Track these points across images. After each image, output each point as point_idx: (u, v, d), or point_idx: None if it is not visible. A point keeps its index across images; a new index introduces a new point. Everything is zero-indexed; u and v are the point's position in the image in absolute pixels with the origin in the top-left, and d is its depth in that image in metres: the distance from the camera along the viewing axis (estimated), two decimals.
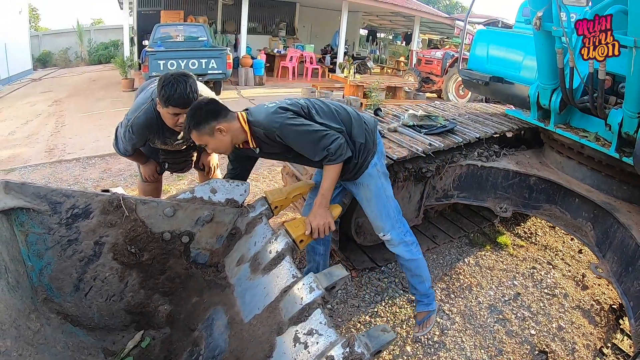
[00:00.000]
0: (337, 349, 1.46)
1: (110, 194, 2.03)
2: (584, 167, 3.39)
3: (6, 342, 1.57)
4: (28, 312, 1.78)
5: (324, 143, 2.15)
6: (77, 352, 1.90)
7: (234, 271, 2.05)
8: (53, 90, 11.79)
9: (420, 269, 2.66)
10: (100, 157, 6.00)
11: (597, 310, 3.38)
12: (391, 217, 2.53)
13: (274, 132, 2.15)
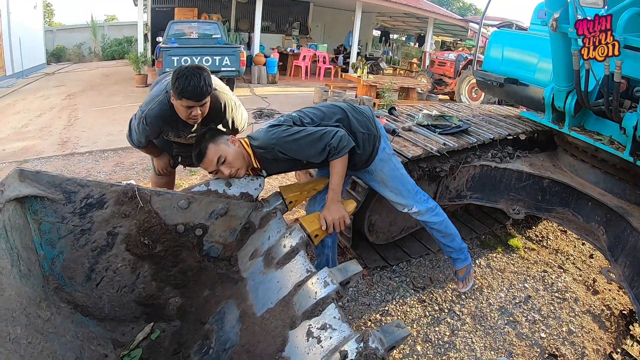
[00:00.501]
0: (351, 344, 1.45)
1: (125, 184, 2.03)
2: (598, 170, 3.36)
3: (16, 330, 1.58)
4: (39, 300, 1.80)
5: (323, 141, 2.17)
6: (86, 342, 1.91)
7: (246, 265, 2.05)
8: (66, 85, 11.88)
9: (449, 228, 2.77)
10: (113, 150, 6.02)
11: (607, 316, 3.35)
12: (410, 191, 2.60)
13: (274, 148, 2.19)
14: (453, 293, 3.34)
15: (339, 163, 2.24)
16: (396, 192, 2.58)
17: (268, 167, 2.33)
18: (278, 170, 2.40)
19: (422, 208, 2.64)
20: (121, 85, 11.32)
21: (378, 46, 24.45)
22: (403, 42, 26.74)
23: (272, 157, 2.23)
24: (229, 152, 2.18)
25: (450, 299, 3.27)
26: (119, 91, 10.52)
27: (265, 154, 2.23)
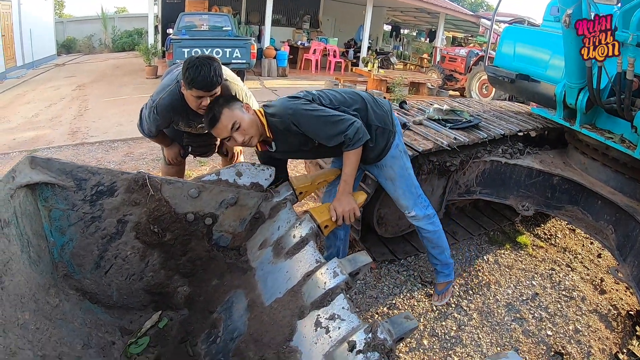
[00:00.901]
0: (359, 335, 1.46)
1: (136, 172, 2.04)
2: (608, 168, 3.33)
3: (25, 315, 1.59)
4: (48, 286, 1.81)
5: (340, 128, 2.14)
6: (94, 329, 1.92)
7: (255, 255, 2.05)
8: (77, 76, 11.94)
9: (441, 240, 2.77)
10: (123, 140, 6.05)
11: (614, 316, 3.33)
12: (414, 194, 2.60)
13: (289, 119, 2.14)
14: (460, 288, 3.34)
15: (353, 155, 2.22)
16: (400, 192, 2.58)
17: (278, 140, 2.27)
18: (287, 147, 2.33)
19: (420, 213, 2.64)
20: (131, 77, 11.36)
21: (389, 41, 24.35)
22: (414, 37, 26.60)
23: (284, 128, 2.18)
24: (243, 118, 2.14)
25: (458, 294, 3.27)
26: (129, 82, 10.56)
27: (278, 123, 2.18)
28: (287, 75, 13.29)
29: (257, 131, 2.17)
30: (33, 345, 1.56)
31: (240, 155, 3.34)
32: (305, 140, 2.25)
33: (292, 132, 2.18)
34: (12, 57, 12.76)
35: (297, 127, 2.16)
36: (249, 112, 2.19)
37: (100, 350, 1.86)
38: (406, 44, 23.98)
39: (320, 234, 1.93)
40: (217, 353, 1.87)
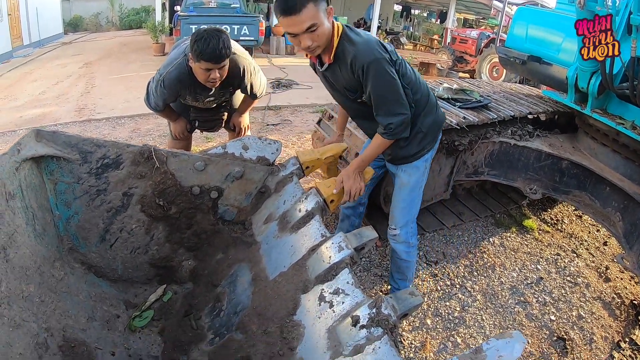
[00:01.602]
0: (363, 309, 1.44)
1: (142, 145, 2.02)
2: (618, 155, 3.29)
3: (29, 287, 1.60)
4: (53, 260, 1.82)
5: (392, 110, 2.04)
6: (99, 303, 1.93)
7: (261, 229, 2.03)
8: (84, 53, 11.89)
9: (408, 270, 2.67)
10: (130, 117, 6.05)
11: (617, 304, 3.32)
12: (410, 215, 2.51)
13: (363, 62, 1.94)
14: (465, 269, 3.33)
15: (382, 142, 2.15)
16: (402, 204, 2.48)
17: (334, 66, 2.07)
18: (334, 78, 2.15)
19: (402, 236, 2.53)
20: (139, 54, 11.32)
21: (399, 21, 24.00)
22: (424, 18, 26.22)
23: (349, 62, 1.97)
24: (323, 24, 1.90)
25: (462, 274, 3.27)
26: (137, 59, 10.52)
27: (348, 53, 1.96)
28: (296, 54, 13.13)
29: (325, 43, 1.97)
30: (37, 318, 1.57)
31: (247, 130, 3.32)
32: (355, 87, 2.10)
33: (352, 72, 2.01)
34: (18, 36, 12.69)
35: (362, 75, 1.97)
36: (329, 19, 1.94)
37: (104, 323, 1.87)
38: (416, 24, 23.64)
39: (326, 209, 1.91)
40: (221, 326, 1.88)
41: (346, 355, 1.41)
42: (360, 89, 2.09)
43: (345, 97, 2.22)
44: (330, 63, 2.07)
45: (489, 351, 1.22)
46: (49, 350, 1.53)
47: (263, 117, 6.58)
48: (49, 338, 1.57)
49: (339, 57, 2.02)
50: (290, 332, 1.58)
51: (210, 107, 2.98)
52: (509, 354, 1.21)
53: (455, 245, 3.66)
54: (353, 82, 2.06)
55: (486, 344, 1.24)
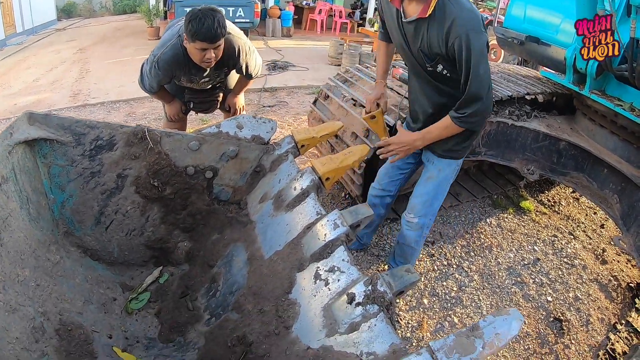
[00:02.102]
0: (359, 287, 1.44)
1: (135, 125, 2.00)
2: (616, 137, 3.27)
3: (25, 272, 1.59)
4: (48, 243, 1.81)
5: (479, 93, 1.87)
6: (95, 286, 1.93)
7: (256, 208, 2.02)
8: (78, 39, 11.75)
9: (412, 257, 2.68)
10: (125, 101, 6.02)
11: (614, 286, 3.34)
12: (432, 208, 2.48)
13: (466, 30, 1.77)
14: (462, 249, 3.34)
15: (452, 127, 2.05)
16: (425, 196, 2.43)
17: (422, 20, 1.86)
18: (411, 34, 1.96)
19: (419, 226, 2.51)
20: (133, 38, 11.18)
21: None
22: None
23: (447, 19, 1.79)
24: None
25: (459, 255, 3.27)
26: (131, 44, 10.40)
27: (450, 9, 1.79)
28: (292, 36, 13.04)
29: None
30: (33, 302, 1.56)
31: (242, 111, 3.29)
32: (434, 54, 1.92)
33: (445, 36, 1.81)
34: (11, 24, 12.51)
35: (460, 43, 1.78)
36: None
37: (101, 307, 1.86)
38: None
39: (322, 187, 1.89)
40: (217, 307, 1.87)
41: (342, 333, 1.40)
42: (439, 58, 1.93)
43: (416, 60, 2.08)
44: (422, 17, 1.86)
45: (486, 328, 1.21)
46: (46, 334, 1.53)
47: (259, 99, 6.55)
48: (46, 322, 1.56)
49: (436, 14, 1.82)
50: (285, 311, 1.58)
51: (205, 88, 2.95)
52: (506, 331, 1.20)
53: (452, 225, 3.66)
54: (437, 47, 1.88)
55: (483, 321, 1.23)
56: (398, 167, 2.59)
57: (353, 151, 2.02)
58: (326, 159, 1.95)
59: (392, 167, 2.61)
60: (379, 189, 2.72)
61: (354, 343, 1.36)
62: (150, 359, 1.76)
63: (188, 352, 1.81)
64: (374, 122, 2.47)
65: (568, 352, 2.71)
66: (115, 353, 1.71)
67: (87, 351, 1.62)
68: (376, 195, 2.77)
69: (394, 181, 2.66)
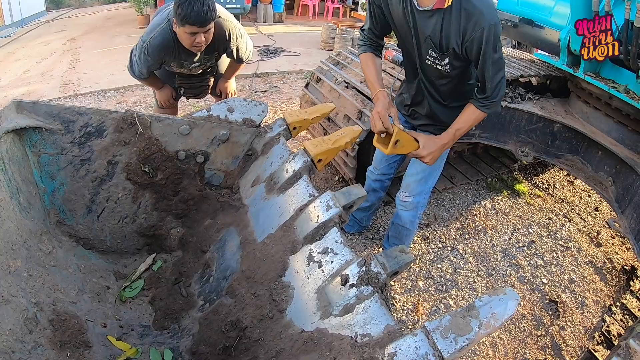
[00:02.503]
0: (353, 268, 1.43)
1: (125, 111, 1.97)
2: (611, 119, 3.26)
3: (16, 262, 1.57)
4: (40, 233, 1.79)
5: (500, 76, 1.86)
6: (88, 275, 1.91)
7: (248, 192, 2.00)
8: (67, 30, 11.61)
9: (407, 238, 2.67)
10: (116, 89, 5.97)
11: (609, 269, 3.35)
12: (427, 186, 2.46)
13: (490, 22, 1.72)
14: (457, 232, 3.33)
15: (478, 114, 1.98)
16: (421, 175, 2.40)
17: (438, 12, 1.79)
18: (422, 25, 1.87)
19: (414, 205, 2.49)
20: (123, 27, 11.05)
21: None
22: None
23: (470, 12, 1.73)
24: None
25: (454, 237, 3.27)
26: (122, 32, 10.29)
27: (467, 13, 1.74)
28: (284, 21, 12.93)
29: None
30: (26, 293, 1.54)
31: (234, 96, 3.26)
32: (445, 46, 1.86)
33: (464, 30, 1.77)
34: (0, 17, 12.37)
35: (481, 37, 1.74)
36: None
37: (94, 296, 1.85)
38: None
39: (314, 168, 1.87)
40: (211, 292, 1.87)
41: (336, 315, 1.39)
42: (450, 52, 1.88)
43: (422, 54, 2.01)
44: (439, 8, 1.78)
45: (482, 308, 1.20)
46: (39, 325, 1.52)
47: (251, 85, 6.51)
48: (39, 312, 1.55)
49: (453, 6, 1.76)
50: (279, 294, 1.57)
51: (195, 73, 2.92)
52: (503, 311, 1.19)
53: (447, 208, 3.66)
54: (454, 40, 1.83)
55: (479, 300, 1.22)
56: None
57: (345, 132, 2.00)
58: (318, 141, 1.92)
59: None
60: (378, 173, 2.71)
61: (348, 325, 1.35)
62: (145, 346, 1.75)
63: (182, 339, 1.80)
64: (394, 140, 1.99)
65: (563, 334, 2.72)
66: (110, 342, 1.70)
67: (81, 341, 1.61)
68: (376, 179, 2.76)
69: (392, 164, 2.65)
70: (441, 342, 1.16)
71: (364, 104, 2.96)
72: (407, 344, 1.18)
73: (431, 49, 1.93)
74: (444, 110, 2.20)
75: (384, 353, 1.20)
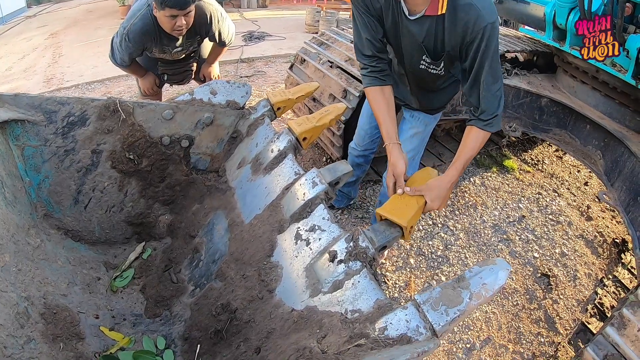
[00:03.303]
0: (340, 244, 1.43)
1: (107, 98, 1.95)
2: (598, 92, 3.26)
3: (4, 257, 1.55)
4: (27, 227, 1.77)
5: (497, 89, 1.71)
6: (78, 267, 1.90)
7: (234, 174, 1.99)
8: (49, 25, 11.43)
9: None
10: (100, 81, 5.92)
11: (600, 242, 3.38)
12: (414, 163, 2.47)
13: (487, 21, 1.59)
14: (447, 209, 3.34)
15: (484, 137, 1.81)
16: (412, 153, 2.38)
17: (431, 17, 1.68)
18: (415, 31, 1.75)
19: None
20: (105, 19, 10.90)
21: None
22: None
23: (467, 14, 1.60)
24: None
25: (444, 214, 3.28)
26: (104, 24, 10.14)
27: (464, 17, 1.61)
28: (268, 6, 12.87)
29: None
30: (16, 287, 1.53)
31: None
32: (439, 49, 1.77)
33: (463, 33, 1.64)
34: None
35: (479, 38, 1.61)
36: None
37: (85, 287, 1.84)
38: None
39: (299, 147, 1.86)
40: (200, 277, 1.86)
41: (325, 292, 1.39)
42: (445, 56, 1.80)
43: (414, 60, 1.91)
44: (431, 15, 1.68)
45: (472, 279, 1.20)
46: (31, 319, 1.50)
47: (236, 70, 6.47)
48: (30, 307, 1.53)
49: (449, 10, 1.65)
50: (268, 274, 1.57)
51: (178, 58, 2.90)
52: (493, 281, 1.19)
53: None
54: (450, 45, 1.73)
55: (469, 271, 1.22)
56: (376, 126, 2.51)
57: (329, 110, 1.99)
58: (302, 119, 1.90)
59: (371, 128, 2.56)
60: (362, 149, 2.68)
61: (338, 301, 1.35)
62: (138, 335, 1.75)
63: (175, 325, 1.80)
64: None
65: (556, 307, 2.74)
66: (103, 333, 1.69)
67: (74, 333, 1.60)
68: (359, 155, 2.73)
69: (375, 140, 2.63)
70: (432, 314, 1.16)
71: (348, 83, 2.94)
72: (397, 317, 1.19)
73: (425, 55, 1.84)
74: (433, 96, 2.21)
75: (375, 328, 1.20)
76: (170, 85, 3.24)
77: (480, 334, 2.49)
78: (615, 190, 2.96)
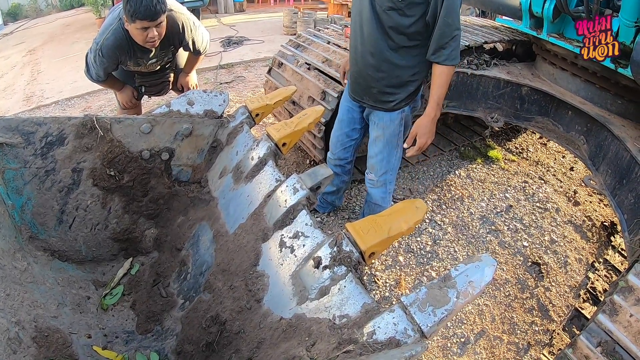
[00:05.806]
0: (324, 249, 1.42)
1: (84, 115, 1.93)
2: (578, 78, 3.28)
3: None
4: (13, 251, 1.75)
5: (455, 24, 1.96)
6: (67, 287, 1.89)
7: (217, 184, 1.98)
8: (26, 41, 11.30)
9: None
10: (80, 96, 5.87)
11: (588, 227, 3.39)
12: (390, 164, 2.47)
13: None
14: (433, 204, 3.35)
15: (448, 71, 2.05)
16: (379, 156, 2.43)
17: None
18: None
19: (381, 182, 2.51)
20: (83, 33, 10.80)
21: None
22: None
23: None
24: None
25: (431, 209, 3.28)
26: (81, 38, 10.05)
27: None
28: (245, 10, 12.81)
29: None
30: (5, 313, 1.51)
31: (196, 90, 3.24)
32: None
33: None
34: None
35: None
36: None
37: (75, 307, 1.83)
38: None
39: (279, 153, 1.85)
40: (189, 289, 1.85)
41: (312, 298, 1.39)
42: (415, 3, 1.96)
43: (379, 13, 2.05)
44: None
45: (458, 277, 1.20)
46: (23, 344, 1.49)
47: (215, 77, 6.46)
48: (21, 331, 1.52)
49: None
50: (254, 284, 1.56)
51: (154, 70, 2.89)
52: (480, 278, 1.19)
53: (422, 180, 3.67)
54: None
55: (455, 270, 1.21)
56: (346, 134, 2.60)
57: (308, 113, 1.98)
58: (281, 125, 1.90)
59: (341, 135, 2.60)
60: (335, 158, 2.72)
61: (325, 308, 1.35)
62: (131, 352, 1.74)
63: (167, 340, 1.79)
64: None
65: (549, 295, 2.76)
66: (96, 352, 1.68)
67: (67, 355, 1.59)
68: (336, 165, 2.77)
69: (347, 148, 2.66)
70: (419, 315, 1.15)
71: (326, 84, 2.94)
72: (385, 321, 1.18)
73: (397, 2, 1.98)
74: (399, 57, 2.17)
75: (363, 332, 1.20)
76: (148, 96, 3.21)
77: (474, 327, 2.50)
78: (600, 175, 2.97)
